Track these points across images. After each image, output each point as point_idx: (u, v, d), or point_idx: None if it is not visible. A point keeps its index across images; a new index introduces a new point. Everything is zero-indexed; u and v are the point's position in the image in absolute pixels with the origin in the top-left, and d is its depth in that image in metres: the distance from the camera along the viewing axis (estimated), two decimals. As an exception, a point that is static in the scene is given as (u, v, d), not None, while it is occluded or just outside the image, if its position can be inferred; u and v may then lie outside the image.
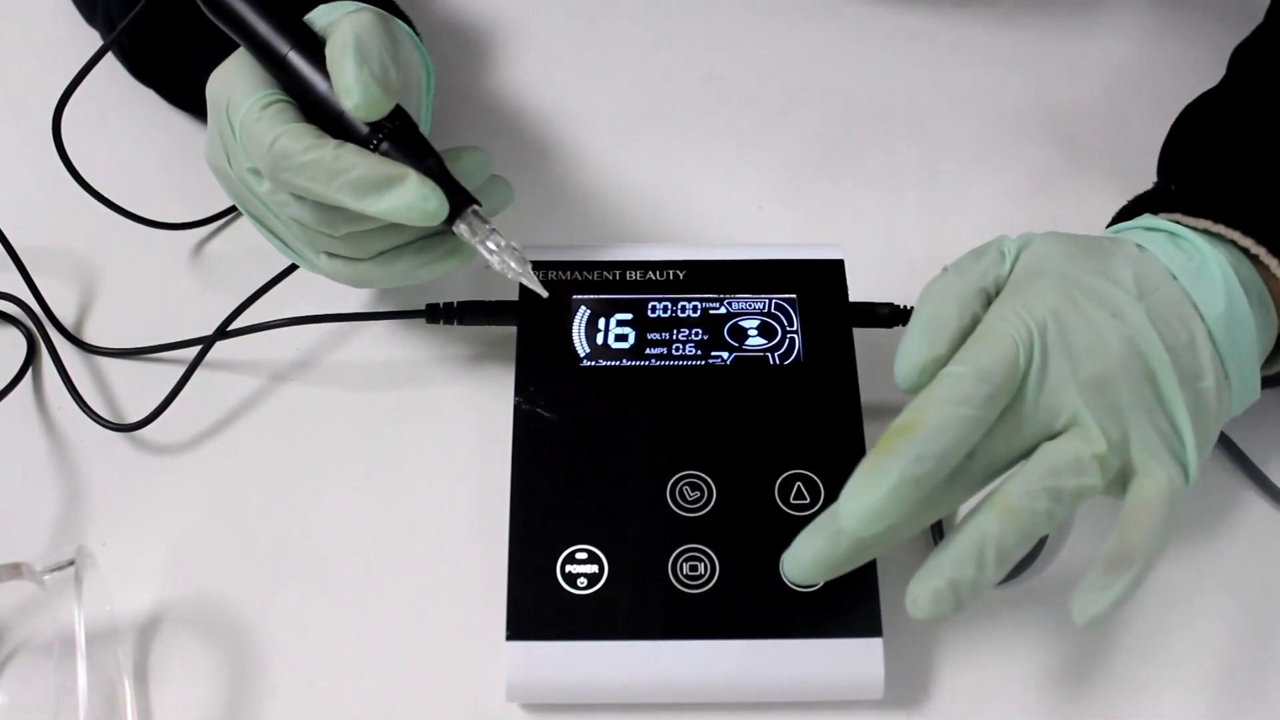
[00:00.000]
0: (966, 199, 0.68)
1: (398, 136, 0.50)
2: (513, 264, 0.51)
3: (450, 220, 0.50)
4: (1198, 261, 0.49)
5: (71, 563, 0.49)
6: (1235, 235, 0.51)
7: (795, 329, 0.56)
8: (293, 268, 0.60)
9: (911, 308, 0.58)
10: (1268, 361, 0.53)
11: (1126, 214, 0.56)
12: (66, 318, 0.63)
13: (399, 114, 0.50)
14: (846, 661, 0.49)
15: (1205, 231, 0.51)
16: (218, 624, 0.53)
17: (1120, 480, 0.46)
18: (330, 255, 0.53)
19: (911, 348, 0.47)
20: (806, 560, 0.46)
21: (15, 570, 0.49)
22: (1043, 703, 0.52)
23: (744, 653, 0.49)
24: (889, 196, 0.68)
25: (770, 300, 0.57)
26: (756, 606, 0.49)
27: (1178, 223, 0.52)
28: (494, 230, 0.51)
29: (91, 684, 0.46)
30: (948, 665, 0.52)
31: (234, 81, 0.51)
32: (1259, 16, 0.62)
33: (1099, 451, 0.45)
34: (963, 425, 0.44)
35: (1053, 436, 0.46)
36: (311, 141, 0.48)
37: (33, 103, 0.66)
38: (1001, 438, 0.46)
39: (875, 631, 0.49)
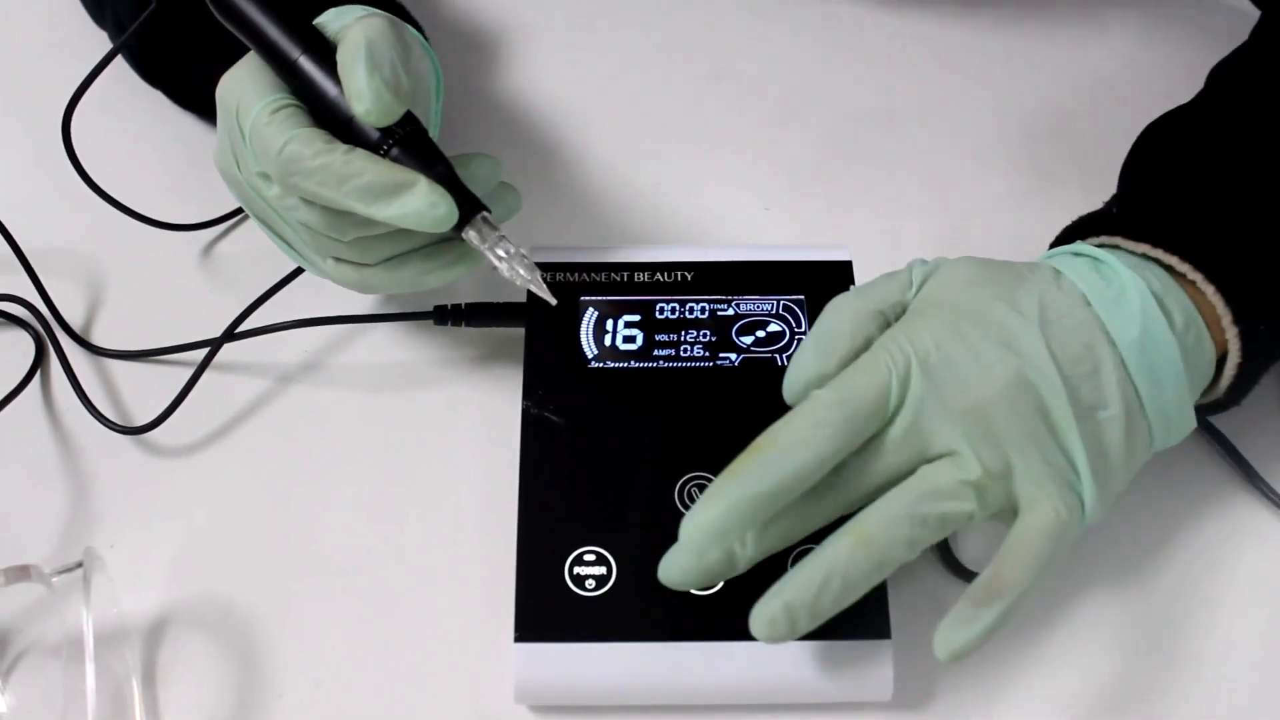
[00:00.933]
0: (972, 200, 0.68)
1: (408, 142, 0.50)
2: (521, 271, 0.51)
3: (459, 227, 0.50)
4: (1116, 288, 0.49)
5: (79, 565, 0.49)
6: (1173, 260, 0.50)
7: (803, 330, 0.56)
8: (300, 270, 0.60)
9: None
10: (1210, 388, 0.52)
11: (1071, 234, 0.56)
12: (75, 320, 0.63)
13: (409, 120, 0.50)
14: (855, 663, 0.49)
15: (1144, 255, 0.51)
16: (225, 626, 0.53)
17: (1010, 512, 0.47)
18: (338, 260, 0.53)
19: (800, 362, 0.49)
20: (677, 570, 0.47)
21: (23, 572, 0.49)
22: (1051, 705, 0.51)
23: (752, 655, 0.49)
24: (895, 198, 0.68)
25: (778, 301, 0.56)
26: (765, 608, 0.49)
27: (1115, 246, 0.51)
28: (503, 237, 0.51)
29: (99, 686, 0.46)
30: (956, 668, 0.52)
31: (244, 85, 0.51)
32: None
33: (972, 477, 0.45)
34: (815, 446, 0.45)
35: (934, 458, 0.47)
36: (321, 146, 0.48)
37: (40, 104, 0.66)
38: (873, 461, 0.47)
39: (884, 634, 0.49)
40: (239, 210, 0.66)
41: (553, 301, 0.52)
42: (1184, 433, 0.50)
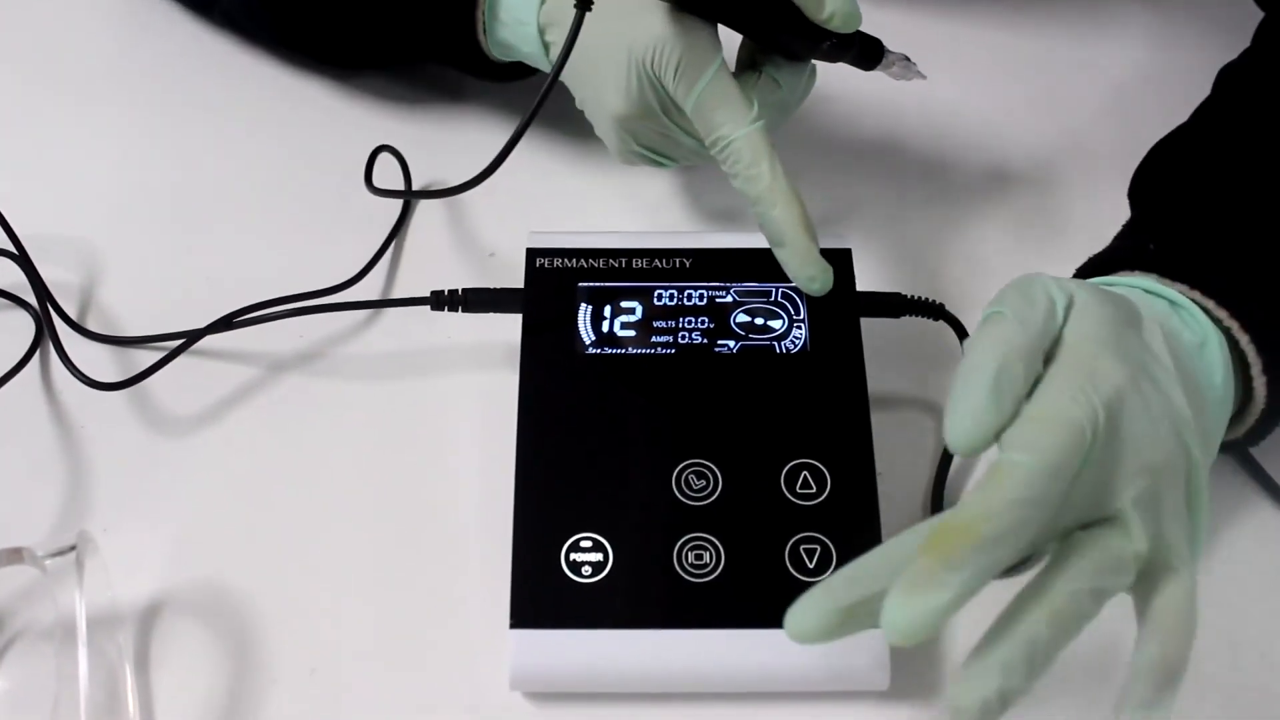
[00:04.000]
0: (973, 190, 0.68)
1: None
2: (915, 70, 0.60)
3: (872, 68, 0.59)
4: (1200, 337, 0.48)
5: (73, 548, 0.49)
6: (1210, 304, 0.49)
7: (802, 318, 0.55)
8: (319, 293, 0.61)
9: (928, 300, 0.58)
10: (1230, 427, 0.52)
11: (1100, 265, 0.54)
12: (74, 304, 0.63)
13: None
14: (852, 653, 0.49)
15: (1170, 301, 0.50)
16: (220, 611, 0.53)
17: (1144, 578, 0.42)
18: None
19: (977, 409, 0.41)
20: (812, 630, 0.40)
21: (16, 555, 0.48)
22: (1049, 695, 0.51)
23: (749, 642, 0.48)
24: (895, 187, 0.68)
25: (777, 289, 0.56)
26: (762, 596, 0.49)
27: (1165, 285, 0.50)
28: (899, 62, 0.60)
29: (92, 670, 0.46)
30: (953, 657, 0.52)
31: (675, 47, 0.54)
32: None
33: (1140, 551, 0.41)
34: (1030, 530, 0.39)
35: (1088, 522, 0.42)
36: (759, 157, 0.53)
37: (43, 87, 0.66)
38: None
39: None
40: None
41: (925, 77, 0.61)
42: None
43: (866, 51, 0.58)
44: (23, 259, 0.62)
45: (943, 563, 0.38)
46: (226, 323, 0.59)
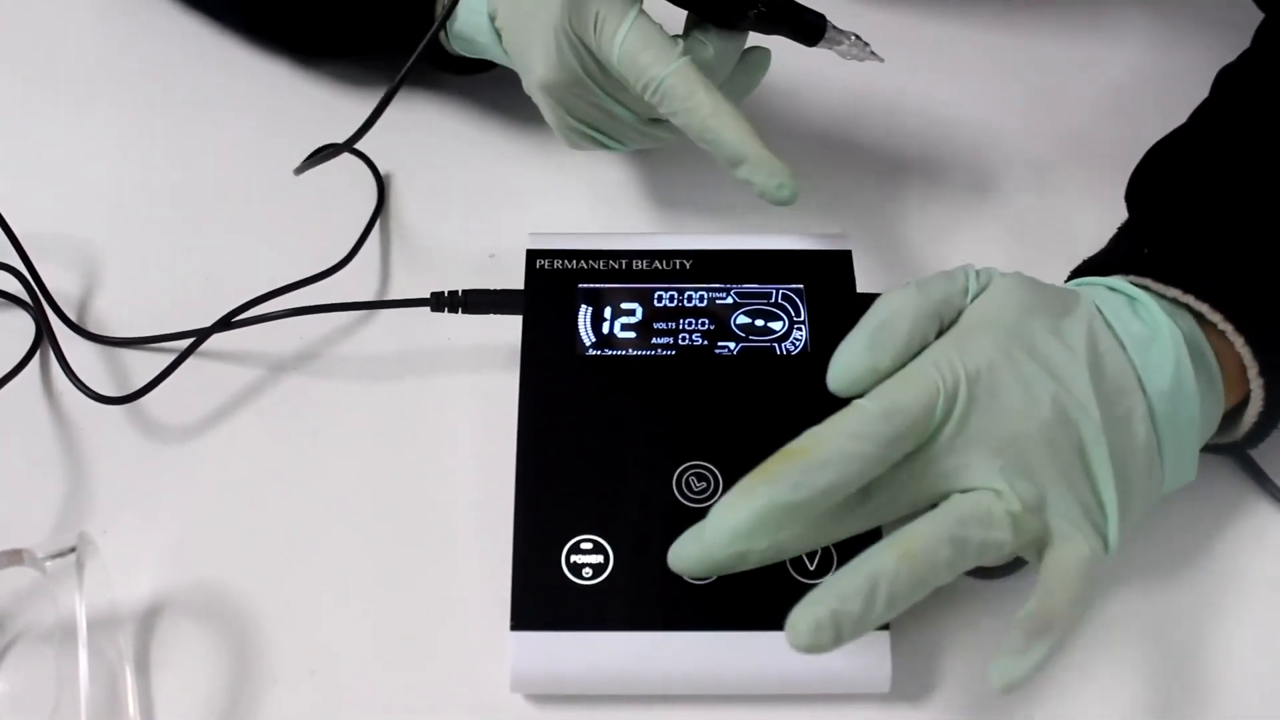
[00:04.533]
0: (972, 192, 0.68)
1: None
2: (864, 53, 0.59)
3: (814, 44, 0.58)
4: (1151, 332, 0.48)
5: (73, 549, 0.49)
6: (1203, 308, 0.50)
7: (802, 319, 0.55)
8: (307, 281, 0.61)
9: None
10: (1227, 431, 0.52)
11: (1093, 267, 0.55)
12: (73, 304, 0.63)
13: None
14: (853, 655, 0.48)
15: (1174, 300, 0.50)
16: (220, 612, 0.53)
17: (1036, 544, 0.45)
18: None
19: (853, 352, 0.47)
20: (690, 560, 0.44)
21: (16, 556, 0.48)
22: (1048, 698, 0.51)
23: (750, 645, 0.48)
24: (895, 188, 0.68)
25: (777, 290, 0.56)
26: (763, 598, 0.49)
27: (1145, 288, 0.50)
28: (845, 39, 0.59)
29: (93, 672, 0.46)
30: (954, 659, 0.52)
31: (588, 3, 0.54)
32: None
33: (1013, 509, 0.44)
34: (855, 462, 0.43)
35: (964, 491, 0.45)
36: (693, 88, 0.54)
37: (40, 86, 0.66)
38: (905, 480, 0.45)
39: (882, 625, 0.49)
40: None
41: (882, 59, 0.60)
42: (1185, 481, 0.50)
43: (804, 27, 0.58)
44: (23, 260, 0.62)
45: (763, 476, 0.43)
46: (225, 323, 0.59)
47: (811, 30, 0.58)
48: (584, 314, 0.55)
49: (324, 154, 0.60)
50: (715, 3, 0.56)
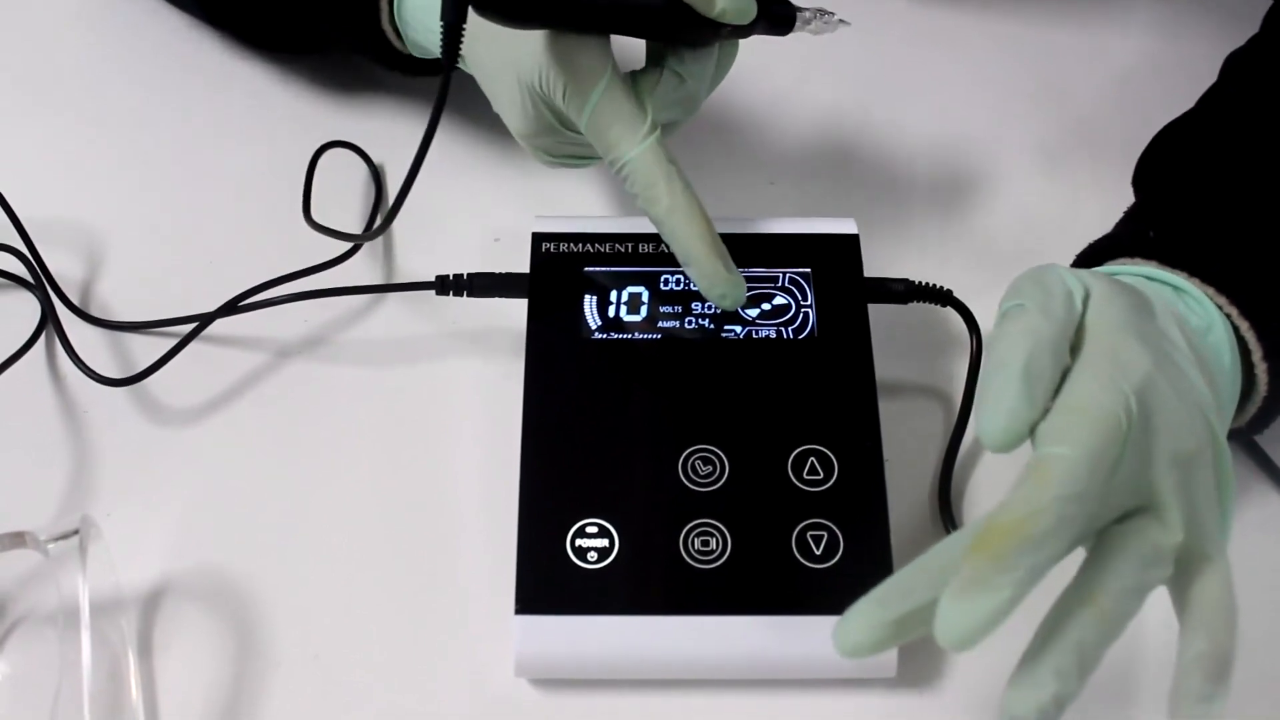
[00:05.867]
0: (980, 174, 0.67)
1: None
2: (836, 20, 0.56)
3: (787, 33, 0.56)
4: (1206, 321, 0.48)
5: (76, 532, 0.49)
6: (1209, 291, 0.49)
7: (809, 303, 0.55)
8: (303, 272, 0.61)
9: (936, 286, 0.57)
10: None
11: (1100, 251, 0.54)
12: (76, 288, 0.63)
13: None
14: (859, 639, 0.48)
15: (1175, 287, 0.50)
16: (223, 596, 0.53)
17: (1178, 567, 0.42)
18: None
19: (1010, 404, 0.40)
20: (865, 644, 0.39)
21: (19, 539, 0.48)
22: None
23: (756, 629, 0.48)
24: (902, 172, 0.68)
25: (784, 274, 0.56)
26: (769, 582, 0.49)
27: (1149, 277, 0.50)
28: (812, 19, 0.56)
29: (95, 655, 0.46)
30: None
31: (559, 63, 0.51)
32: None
33: (1177, 541, 0.40)
34: (1077, 525, 0.39)
35: (1123, 514, 0.41)
36: (655, 179, 0.51)
37: (43, 71, 0.66)
38: None
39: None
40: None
41: (849, 22, 0.57)
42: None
43: (776, 19, 0.56)
44: (26, 244, 0.62)
45: (993, 564, 0.37)
46: (231, 308, 0.59)
47: (784, 21, 0.56)
48: (590, 297, 0.55)
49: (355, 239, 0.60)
50: (689, 29, 0.52)
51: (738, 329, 0.54)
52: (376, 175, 0.67)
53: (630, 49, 0.54)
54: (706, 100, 0.69)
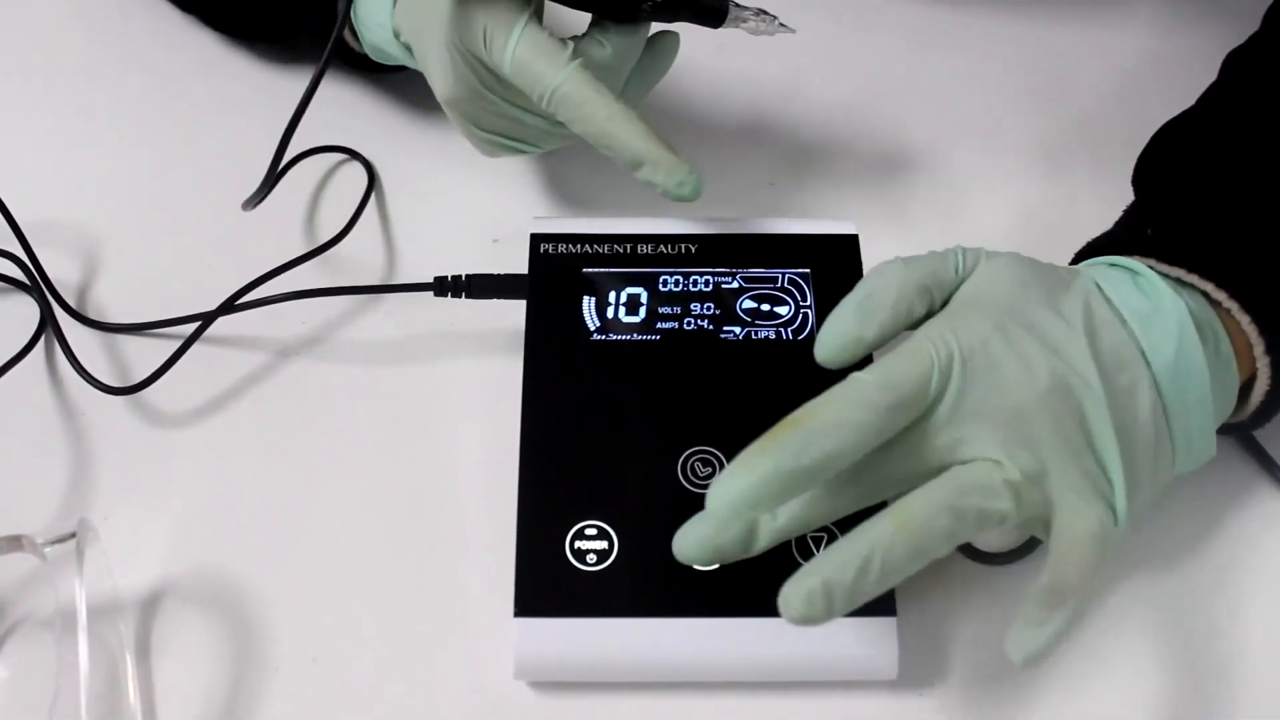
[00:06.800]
0: (980, 174, 0.67)
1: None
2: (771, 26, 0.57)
3: (718, 25, 0.57)
4: (1154, 305, 0.48)
5: (73, 536, 0.49)
6: (1208, 286, 0.49)
7: (809, 304, 0.55)
8: (306, 256, 0.61)
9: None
10: (1235, 411, 0.52)
11: (1097, 249, 0.54)
12: (73, 291, 0.62)
13: None
14: (860, 641, 0.48)
15: (1178, 280, 0.50)
16: (221, 599, 0.53)
17: (1044, 520, 0.45)
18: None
19: (839, 321, 0.48)
20: (694, 543, 0.45)
21: (16, 542, 0.48)
22: (1056, 684, 0.51)
23: (756, 631, 0.48)
24: (901, 172, 0.68)
25: (784, 275, 0.56)
26: (768, 583, 0.48)
27: (1150, 268, 0.50)
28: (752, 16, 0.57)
29: (93, 659, 0.45)
30: (962, 646, 0.52)
31: (475, 11, 0.54)
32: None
33: (1012, 479, 0.44)
34: (855, 431, 0.43)
35: (963, 464, 0.45)
36: (589, 96, 0.53)
37: (40, 71, 0.66)
38: (902, 454, 0.45)
39: (889, 611, 0.48)
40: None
41: (794, 30, 0.58)
42: (1205, 458, 0.49)
43: (705, 10, 0.56)
44: (24, 247, 0.61)
45: (764, 446, 0.42)
46: (229, 306, 0.59)
47: (713, 13, 0.56)
48: (588, 298, 0.55)
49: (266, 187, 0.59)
50: (609, 1, 0.54)
51: (737, 330, 0.54)
52: (370, 174, 0.67)
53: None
54: (705, 102, 0.70)
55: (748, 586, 0.49)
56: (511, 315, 0.57)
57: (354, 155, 0.68)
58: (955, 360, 0.45)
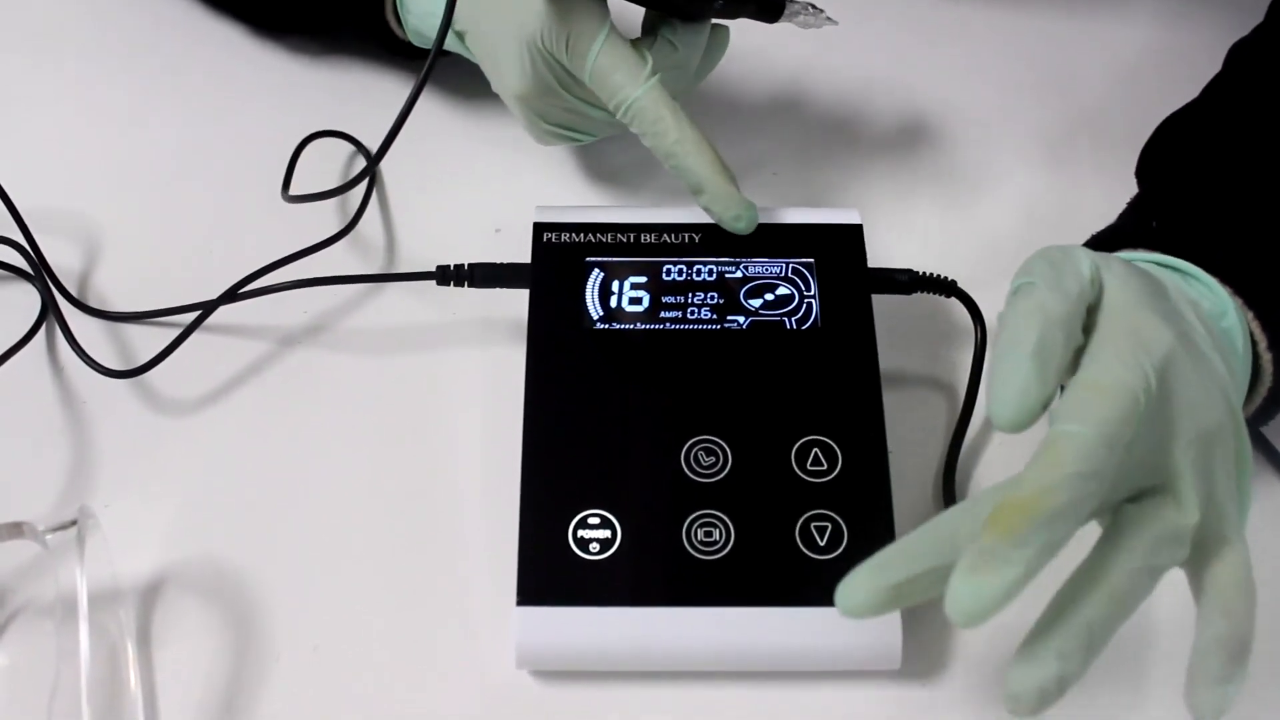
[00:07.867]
0: (983, 165, 0.67)
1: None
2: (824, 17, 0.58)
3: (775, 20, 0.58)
4: (1220, 308, 0.48)
5: (74, 523, 0.48)
6: (1212, 282, 0.49)
7: (813, 294, 0.55)
8: (308, 250, 0.61)
9: (940, 276, 0.57)
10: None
11: (1102, 242, 0.54)
12: (75, 279, 0.62)
13: None
14: (863, 631, 0.48)
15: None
16: (222, 587, 0.53)
17: (1196, 548, 0.41)
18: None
19: (1021, 383, 0.39)
20: (865, 605, 0.39)
21: (17, 530, 0.48)
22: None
23: (759, 620, 0.48)
24: (905, 163, 0.67)
25: (787, 264, 0.56)
26: (772, 573, 0.48)
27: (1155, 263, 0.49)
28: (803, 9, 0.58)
29: (93, 646, 0.45)
30: (965, 637, 0.51)
31: (561, 17, 0.54)
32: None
33: (1193, 523, 0.40)
34: (1091, 503, 0.38)
35: (1139, 493, 0.41)
36: (661, 114, 0.55)
37: (42, 58, 0.66)
38: None
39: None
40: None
41: (837, 22, 0.59)
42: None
43: (767, 5, 0.57)
44: (25, 235, 0.61)
45: (1006, 540, 0.36)
46: (232, 295, 0.59)
47: (773, 7, 0.58)
48: (592, 288, 0.55)
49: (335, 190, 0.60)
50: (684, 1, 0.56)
51: (740, 319, 0.54)
52: (369, 160, 0.67)
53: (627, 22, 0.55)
54: (711, 91, 0.70)
55: (752, 576, 0.48)
56: (514, 304, 0.57)
57: (355, 144, 0.68)
58: (1152, 384, 0.40)
